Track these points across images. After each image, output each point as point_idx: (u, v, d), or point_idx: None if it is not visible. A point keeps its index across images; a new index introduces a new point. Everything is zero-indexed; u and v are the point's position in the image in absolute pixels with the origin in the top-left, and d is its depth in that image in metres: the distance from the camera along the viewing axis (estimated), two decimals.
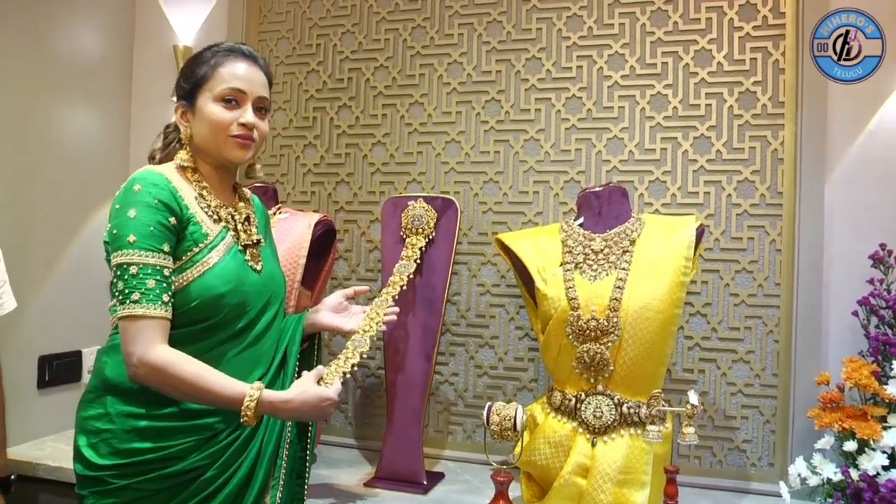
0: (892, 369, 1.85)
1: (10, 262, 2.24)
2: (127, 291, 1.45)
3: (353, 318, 1.84)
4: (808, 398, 2.09)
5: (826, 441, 1.93)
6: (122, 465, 1.49)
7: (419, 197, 2.31)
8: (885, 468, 1.74)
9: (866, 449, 1.79)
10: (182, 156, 1.63)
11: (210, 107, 1.60)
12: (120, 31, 2.82)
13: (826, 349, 2.18)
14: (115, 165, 2.79)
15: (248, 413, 1.48)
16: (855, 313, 2.06)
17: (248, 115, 1.62)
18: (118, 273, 1.47)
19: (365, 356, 1.75)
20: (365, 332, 1.81)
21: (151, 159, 1.71)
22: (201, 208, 1.59)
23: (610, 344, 1.89)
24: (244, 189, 1.79)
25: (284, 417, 1.60)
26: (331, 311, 1.84)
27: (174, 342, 1.48)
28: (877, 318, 2.01)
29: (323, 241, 2.32)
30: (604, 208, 2.05)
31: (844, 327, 2.14)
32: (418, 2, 2.56)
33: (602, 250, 1.99)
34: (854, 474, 1.77)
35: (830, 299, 2.19)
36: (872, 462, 1.75)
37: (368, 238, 2.60)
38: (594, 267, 1.98)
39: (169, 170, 1.60)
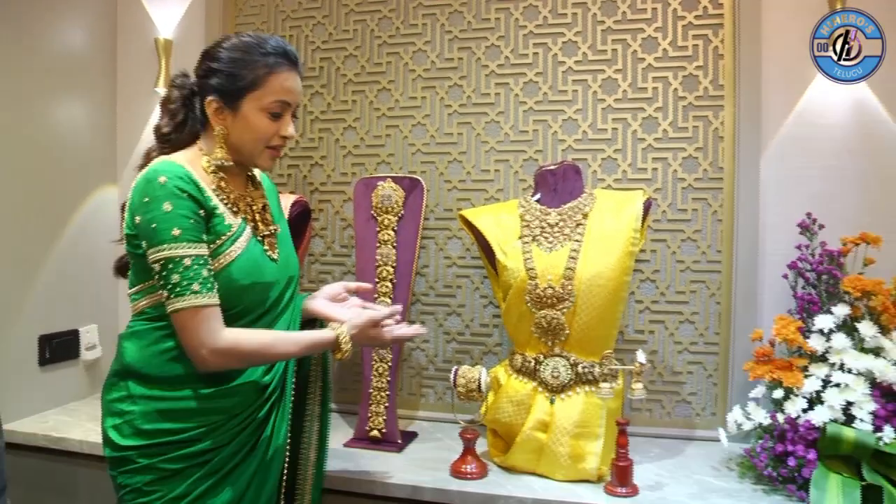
0: (814, 325, 2.02)
1: (9, 249, 2.34)
2: (185, 283, 1.46)
3: (351, 310, 1.80)
4: (745, 353, 2.24)
5: (759, 391, 2.08)
6: (144, 446, 1.52)
7: (388, 177, 2.41)
8: (805, 410, 1.91)
9: (791, 395, 1.95)
10: (220, 154, 1.61)
11: (257, 117, 1.59)
12: (103, 24, 2.85)
13: (761, 309, 2.33)
14: (104, 151, 2.86)
15: (349, 346, 1.63)
16: (785, 276, 2.21)
17: (290, 128, 1.64)
18: (169, 266, 1.46)
19: None
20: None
21: (162, 137, 1.66)
22: (221, 200, 1.59)
23: (565, 310, 2.04)
24: (256, 173, 1.78)
25: (355, 343, 1.66)
26: (328, 300, 1.84)
27: None
28: (803, 280, 2.16)
29: (299, 221, 2.44)
30: (559, 185, 2.19)
31: (777, 289, 2.29)
32: None
33: (557, 224, 2.14)
34: (780, 418, 1.94)
35: (765, 264, 2.34)
36: (795, 406, 1.92)
37: (342, 217, 2.69)
38: (550, 239, 2.12)
39: (187, 161, 1.58)
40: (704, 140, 2.41)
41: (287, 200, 2.35)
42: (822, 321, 2.02)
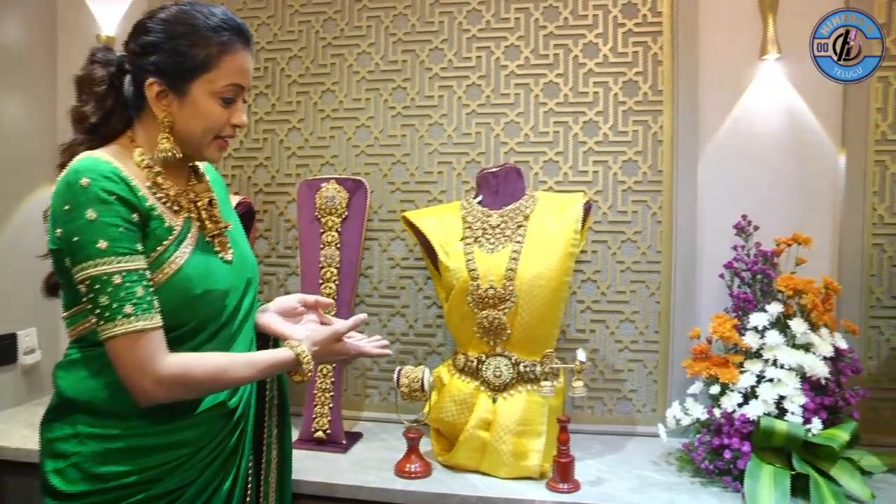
0: (749, 322, 2.07)
1: None
2: (116, 306, 1.25)
3: (306, 325, 1.63)
4: (684, 351, 2.28)
5: (697, 387, 2.14)
6: (96, 492, 1.31)
7: (332, 179, 2.41)
8: (740, 405, 1.96)
9: (727, 391, 2.00)
10: (167, 146, 1.38)
11: (208, 103, 1.39)
12: (42, 19, 2.78)
13: (699, 308, 2.39)
14: (42, 151, 2.77)
15: (310, 366, 1.45)
16: (722, 276, 2.27)
17: (242, 115, 1.45)
18: (96, 287, 1.26)
19: None
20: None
21: (90, 128, 1.42)
22: (158, 199, 1.38)
23: (507, 310, 2.06)
24: (199, 164, 1.56)
25: (317, 362, 1.51)
26: (281, 314, 1.65)
27: None
28: (739, 279, 2.22)
29: (243, 222, 2.39)
30: (501, 187, 2.21)
31: (714, 288, 2.35)
32: None
33: (499, 225, 2.16)
34: (717, 413, 1.99)
35: (703, 264, 2.40)
36: (731, 401, 1.97)
37: (286, 218, 2.68)
38: (492, 241, 2.14)
39: (114, 155, 1.36)
40: (644, 144, 2.45)
41: (231, 201, 2.31)
42: (757, 319, 2.07)
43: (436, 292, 2.44)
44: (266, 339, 1.63)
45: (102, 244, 1.26)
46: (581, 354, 1.98)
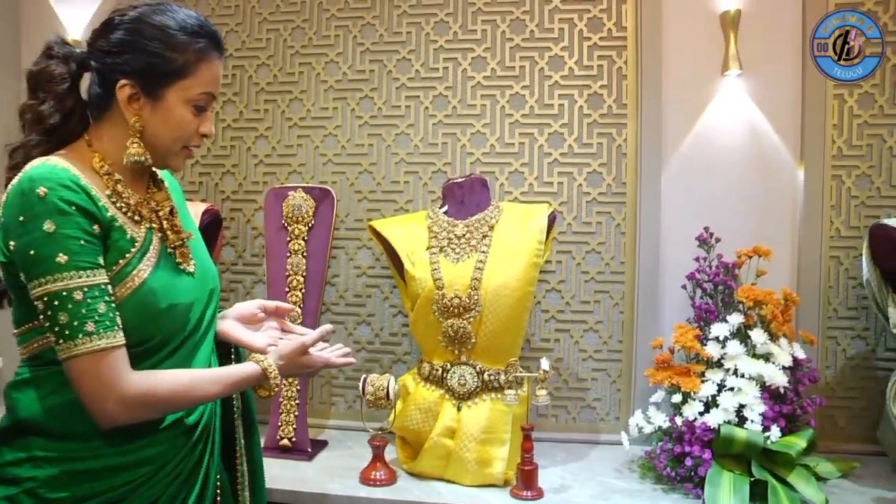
0: (710, 332, 2.11)
1: None
2: (76, 324, 1.17)
3: (267, 332, 1.56)
4: (647, 360, 2.31)
5: (659, 395, 2.17)
6: None
7: (299, 187, 2.41)
8: (701, 413, 2.00)
9: (688, 399, 2.04)
10: (136, 150, 1.29)
11: (181, 110, 1.31)
12: (5, 23, 2.74)
13: (662, 318, 2.42)
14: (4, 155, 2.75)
15: (278, 381, 1.39)
16: (684, 286, 2.30)
17: (210, 125, 1.38)
18: (55, 303, 1.17)
19: None
20: None
21: (47, 129, 1.31)
22: (119, 208, 1.29)
23: (472, 319, 2.07)
24: (158, 171, 1.46)
25: (283, 375, 1.43)
26: (240, 321, 1.55)
27: None
28: (701, 290, 2.26)
29: (210, 229, 2.37)
30: (466, 197, 2.23)
31: (677, 299, 2.38)
32: (297, 4, 2.64)
33: (464, 235, 2.18)
34: (679, 421, 2.03)
35: (666, 275, 2.44)
36: (692, 410, 2.00)
37: (253, 225, 2.67)
38: (457, 250, 2.16)
39: (70, 161, 1.26)
40: (608, 156, 2.49)
41: (198, 208, 2.31)
42: (718, 329, 2.12)
43: (402, 301, 2.44)
44: (226, 347, 1.55)
45: (62, 258, 1.17)
46: (545, 363, 2.00)
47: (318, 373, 1.68)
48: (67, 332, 1.17)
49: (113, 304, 1.22)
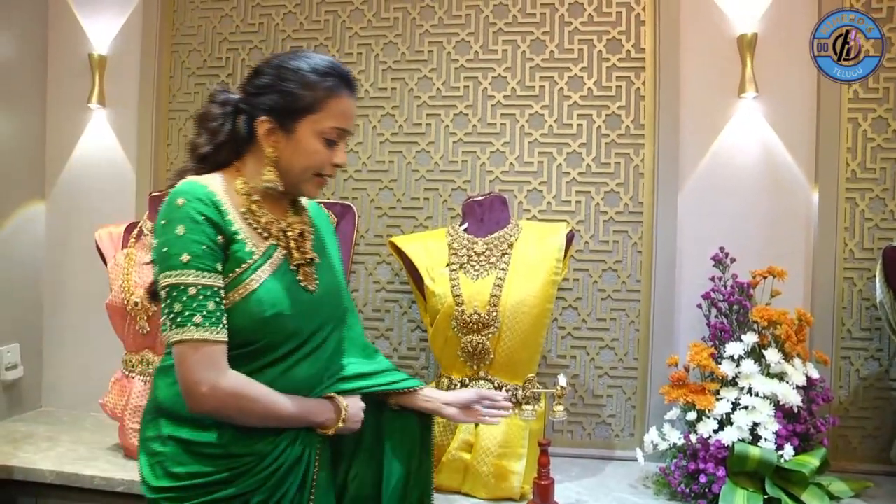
0: (725, 351, 2.14)
1: None
2: (187, 314, 1.34)
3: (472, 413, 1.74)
4: (662, 378, 2.34)
5: (674, 413, 2.19)
6: (175, 488, 1.41)
7: (320, 203, 2.42)
8: (716, 431, 2.02)
9: (703, 417, 2.06)
10: (271, 177, 1.47)
11: (312, 142, 1.47)
12: (33, 36, 2.80)
13: (677, 336, 2.45)
14: (31, 166, 2.81)
15: (344, 424, 1.51)
16: (699, 306, 2.33)
17: (343, 155, 1.52)
18: (174, 294, 1.35)
19: None
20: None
21: (200, 157, 1.52)
22: (248, 224, 1.47)
23: (490, 335, 2.10)
24: (302, 200, 1.64)
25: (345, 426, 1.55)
26: (459, 407, 1.73)
27: None
28: (716, 310, 2.28)
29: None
30: (486, 215, 2.26)
31: (692, 317, 2.40)
32: (321, 22, 2.68)
33: (484, 252, 2.21)
34: (693, 438, 2.05)
35: (682, 294, 2.46)
36: (707, 427, 2.03)
37: None
38: (476, 267, 2.18)
39: (215, 181, 1.46)
40: (626, 176, 2.52)
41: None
42: (733, 348, 2.14)
43: (420, 316, 2.47)
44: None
45: (185, 257, 1.35)
46: (562, 380, 2.01)
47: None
48: (179, 321, 1.34)
49: (222, 306, 1.38)
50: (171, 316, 1.35)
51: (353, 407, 1.57)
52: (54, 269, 2.88)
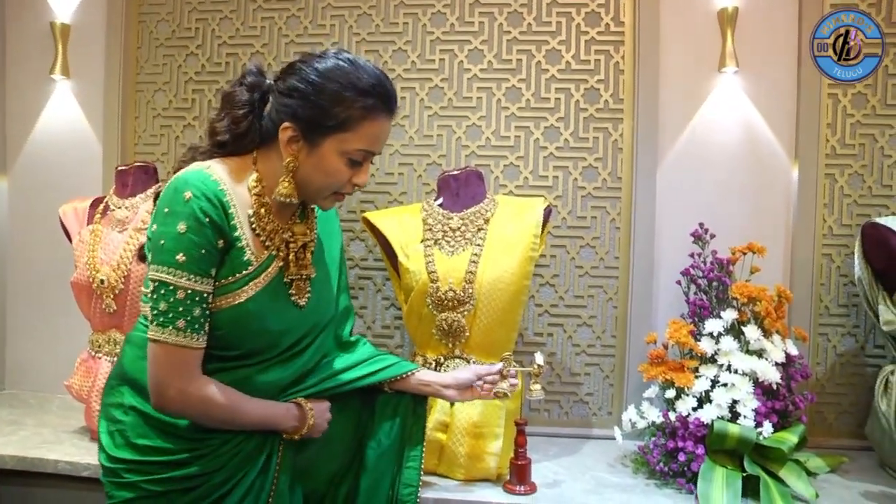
0: (704, 328, 2.12)
1: None
2: (171, 315, 1.33)
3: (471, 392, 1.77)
4: (640, 355, 2.33)
5: (652, 391, 2.17)
6: (132, 461, 1.40)
7: None
8: (695, 409, 2.00)
9: (682, 395, 2.04)
10: (286, 190, 1.41)
11: (335, 161, 1.41)
12: None
13: (656, 313, 2.44)
14: None
15: (308, 430, 1.50)
16: (678, 282, 2.31)
17: (365, 177, 1.47)
18: (161, 291, 1.33)
19: None
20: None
21: (217, 143, 1.45)
22: (252, 229, 1.43)
23: (466, 313, 2.06)
24: (311, 208, 1.59)
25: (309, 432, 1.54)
26: (457, 389, 1.75)
27: None
28: (695, 286, 2.26)
29: None
30: (461, 190, 2.21)
31: (671, 294, 2.39)
32: None
33: (459, 228, 2.16)
34: (672, 416, 2.03)
35: (660, 270, 2.45)
36: (685, 405, 2.01)
37: None
38: (452, 243, 2.14)
39: (228, 172, 1.41)
40: (604, 151, 2.49)
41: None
42: (712, 325, 2.12)
43: (394, 293, 2.43)
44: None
45: (181, 257, 1.32)
46: (539, 358, 1.97)
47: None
48: (162, 319, 1.33)
49: (208, 312, 1.37)
50: (155, 312, 1.34)
51: (320, 415, 1.56)
52: (17, 247, 2.80)
